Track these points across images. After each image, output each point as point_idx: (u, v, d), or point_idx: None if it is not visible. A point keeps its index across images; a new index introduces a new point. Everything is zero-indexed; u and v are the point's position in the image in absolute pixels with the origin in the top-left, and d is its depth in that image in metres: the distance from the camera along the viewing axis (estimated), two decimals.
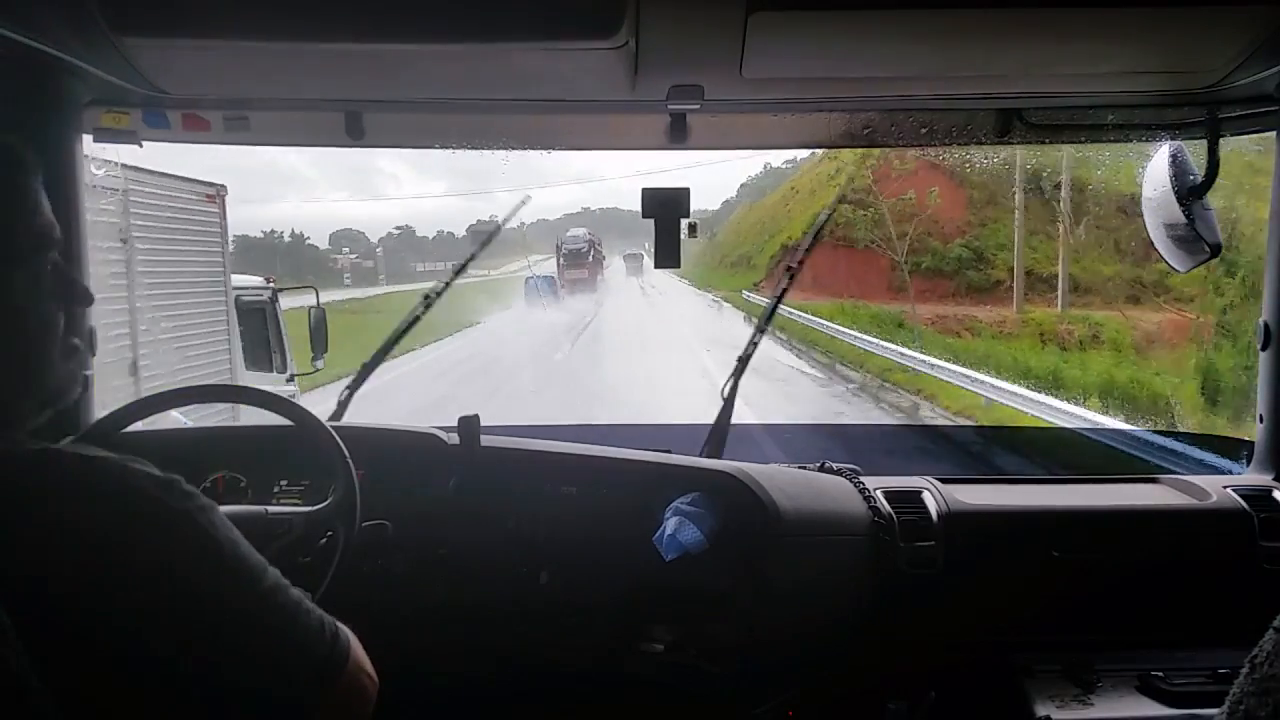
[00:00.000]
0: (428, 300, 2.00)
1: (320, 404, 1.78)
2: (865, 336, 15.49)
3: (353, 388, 1.90)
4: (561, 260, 28.93)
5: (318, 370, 5.91)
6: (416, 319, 1.99)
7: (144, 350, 5.15)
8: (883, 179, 19.37)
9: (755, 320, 2.00)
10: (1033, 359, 14.00)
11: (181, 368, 5.37)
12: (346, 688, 0.88)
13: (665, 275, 36.63)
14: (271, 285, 6.65)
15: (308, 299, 6.09)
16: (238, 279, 6.23)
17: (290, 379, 6.18)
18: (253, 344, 6.13)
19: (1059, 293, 18.43)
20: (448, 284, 2.05)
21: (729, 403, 1.90)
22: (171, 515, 0.79)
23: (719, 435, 1.86)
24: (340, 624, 0.91)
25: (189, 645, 0.78)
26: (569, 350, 16.50)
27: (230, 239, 6.28)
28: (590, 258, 29.81)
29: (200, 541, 0.80)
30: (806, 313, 18.07)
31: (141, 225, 5.14)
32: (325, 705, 0.86)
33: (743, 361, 1.92)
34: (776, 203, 35.67)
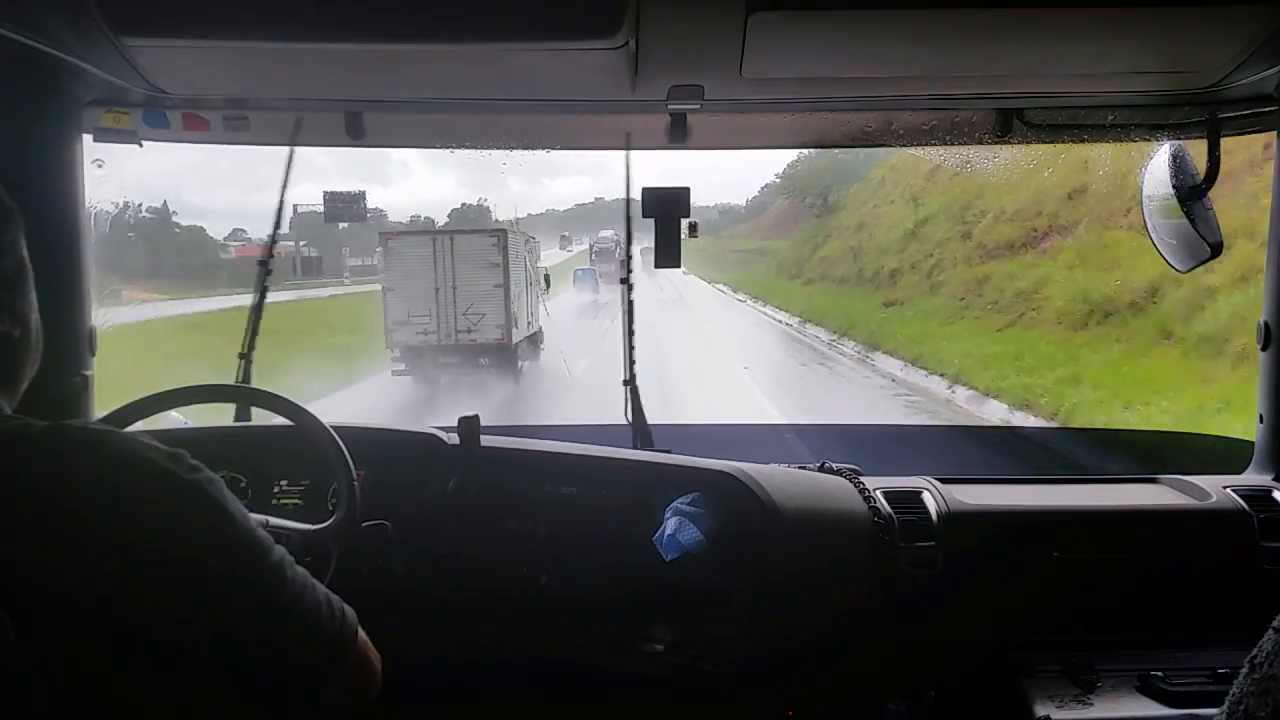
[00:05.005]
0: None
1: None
2: None
3: (245, 355, 1.93)
4: (594, 257, 34.05)
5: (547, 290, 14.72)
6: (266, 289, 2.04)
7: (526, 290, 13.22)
8: None
9: None
10: None
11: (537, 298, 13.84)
12: (357, 663, 0.90)
13: (713, 294, 31.67)
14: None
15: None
16: None
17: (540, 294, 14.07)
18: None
19: None
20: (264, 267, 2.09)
21: (634, 394, 1.95)
22: (182, 484, 0.79)
23: (642, 431, 1.92)
24: (345, 604, 0.91)
25: (202, 615, 0.78)
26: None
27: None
28: (617, 255, 34.34)
29: (211, 510, 0.80)
30: None
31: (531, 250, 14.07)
32: (338, 678, 0.87)
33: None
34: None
